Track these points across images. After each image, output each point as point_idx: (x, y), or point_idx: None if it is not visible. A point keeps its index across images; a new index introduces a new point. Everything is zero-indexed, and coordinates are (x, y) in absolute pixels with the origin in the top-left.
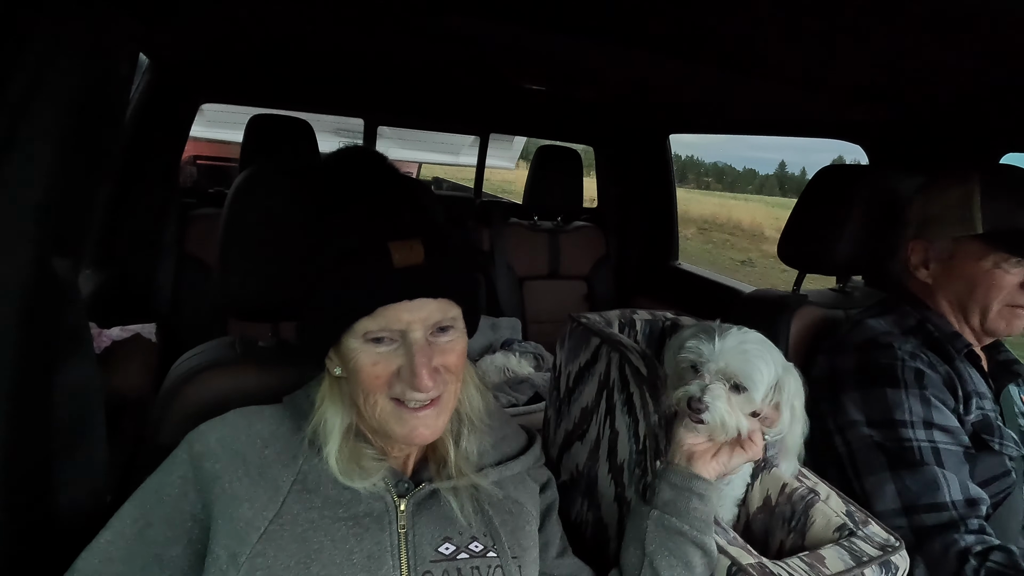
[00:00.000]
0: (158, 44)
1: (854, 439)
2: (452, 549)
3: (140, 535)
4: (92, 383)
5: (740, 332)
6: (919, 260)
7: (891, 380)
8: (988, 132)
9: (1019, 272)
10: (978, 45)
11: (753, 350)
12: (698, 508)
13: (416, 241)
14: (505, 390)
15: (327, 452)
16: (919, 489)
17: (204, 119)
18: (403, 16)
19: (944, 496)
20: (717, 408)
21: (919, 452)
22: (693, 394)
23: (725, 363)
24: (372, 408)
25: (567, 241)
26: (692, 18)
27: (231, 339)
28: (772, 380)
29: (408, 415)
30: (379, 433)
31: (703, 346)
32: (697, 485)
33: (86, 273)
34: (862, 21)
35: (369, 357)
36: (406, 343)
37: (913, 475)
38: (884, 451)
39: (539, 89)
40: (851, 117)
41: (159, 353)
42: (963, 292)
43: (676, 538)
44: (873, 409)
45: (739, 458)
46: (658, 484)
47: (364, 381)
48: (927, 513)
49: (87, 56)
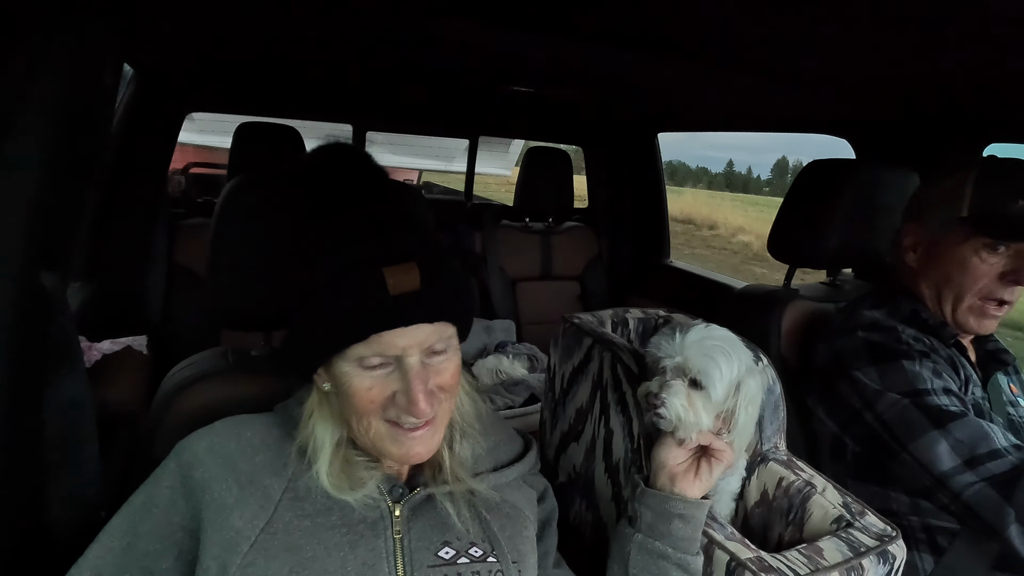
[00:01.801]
0: (142, 54)
1: (886, 409)
2: (452, 553)
3: (129, 548)
4: (83, 397)
5: (705, 329)
6: (910, 243)
7: (904, 354)
8: (971, 124)
9: (997, 262)
10: (960, 41)
11: (715, 347)
12: (680, 529)
13: (411, 265)
14: (501, 392)
15: (318, 468)
16: (972, 440)
17: (196, 127)
18: (390, 20)
19: (996, 443)
20: (673, 404)
21: (953, 410)
22: (651, 390)
23: (684, 359)
24: (366, 430)
25: (559, 242)
26: (677, 16)
27: (223, 349)
28: (734, 378)
29: (404, 436)
30: (373, 451)
31: (664, 342)
32: (677, 506)
33: (74, 286)
34: (846, 18)
35: (363, 382)
36: (401, 368)
37: (961, 428)
38: (924, 411)
39: (527, 91)
40: (836, 112)
41: (151, 366)
42: (941, 279)
43: (659, 562)
44: (894, 381)
45: (718, 469)
46: (639, 508)
47: (358, 405)
48: (991, 461)
49: (71, 68)
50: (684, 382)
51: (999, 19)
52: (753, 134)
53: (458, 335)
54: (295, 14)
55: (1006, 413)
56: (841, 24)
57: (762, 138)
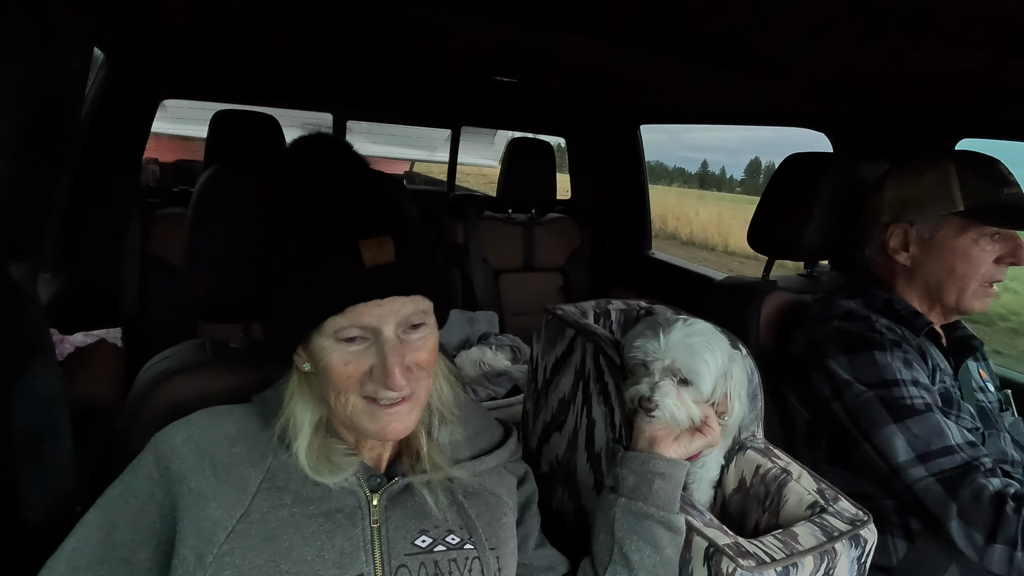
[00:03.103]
0: (114, 38)
1: (851, 399)
2: (429, 542)
3: (106, 539)
4: (56, 391)
5: (685, 325)
6: (899, 243)
7: (876, 344)
8: (945, 120)
9: (993, 249)
10: (934, 40)
11: (697, 343)
12: (662, 487)
13: (387, 238)
14: (484, 384)
15: (296, 447)
16: (927, 435)
17: (169, 115)
18: (370, 7)
19: (950, 439)
20: (666, 405)
21: (915, 405)
22: (643, 394)
23: (671, 360)
24: (344, 406)
25: (542, 233)
26: (659, 9)
27: (201, 341)
28: (720, 370)
29: (380, 412)
30: (351, 428)
31: (649, 344)
32: (657, 465)
33: (45, 277)
34: (824, 16)
35: (341, 356)
36: (378, 342)
37: (918, 423)
38: (885, 404)
39: (510, 81)
40: (815, 107)
41: (125, 358)
42: (941, 272)
43: (644, 522)
44: (863, 371)
45: (699, 442)
46: (621, 472)
47: (336, 380)
48: (942, 457)
49: (37, 52)
50: (673, 382)
51: (970, 20)
52: (729, 135)
53: (435, 313)
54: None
55: (976, 400)
56: (816, 23)
57: (738, 140)
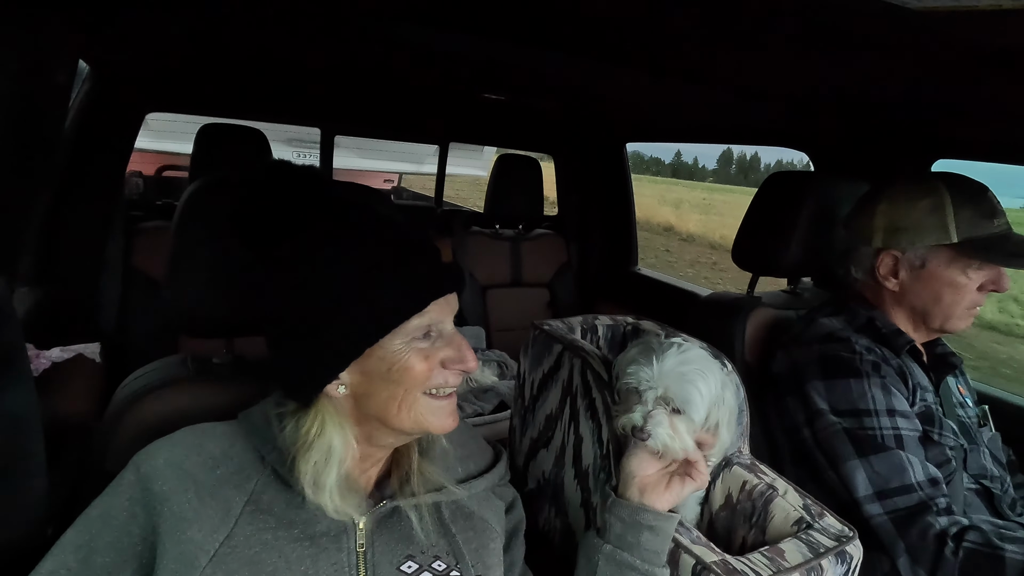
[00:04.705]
0: (99, 50)
1: (821, 429)
2: (415, 568)
3: (85, 563)
4: (29, 408)
5: (679, 352)
6: (888, 270)
7: (852, 371)
8: (922, 141)
9: (979, 277)
10: (910, 66)
11: (691, 372)
12: (649, 541)
13: (446, 240)
14: (470, 399)
15: (327, 483)
16: (888, 473)
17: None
18: (360, 24)
19: (911, 478)
20: (659, 435)
21: (884, 439)
22: (636, 423)
23: (664, 389)
24: (410, 408)
25: (529, 249)
26: (644, 30)
27: (182, 357)
28: (712, 399)
29: (442, 404)
30: (409, 432)
31: (642, 372)
32: (647, 518)
33: (21, 291)
34: (801, 41)
35: (420, 353)
36: (444, 334)
37: (880, 460)
38: (852, 438)
39: (497, 99)
40: (796, 126)
41: (104, 374)
42: (929, 299)
43: (627, 573)
44: (837, 399)
45: (689, 487)
46: (608, 518)
47: (416, 377)
48: (899, 496)
49: (20, 64)
50: (666, 410)
51: (944, 46)
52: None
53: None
54: (261, 12)
55: (956, 415)
56: (797, 46)
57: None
